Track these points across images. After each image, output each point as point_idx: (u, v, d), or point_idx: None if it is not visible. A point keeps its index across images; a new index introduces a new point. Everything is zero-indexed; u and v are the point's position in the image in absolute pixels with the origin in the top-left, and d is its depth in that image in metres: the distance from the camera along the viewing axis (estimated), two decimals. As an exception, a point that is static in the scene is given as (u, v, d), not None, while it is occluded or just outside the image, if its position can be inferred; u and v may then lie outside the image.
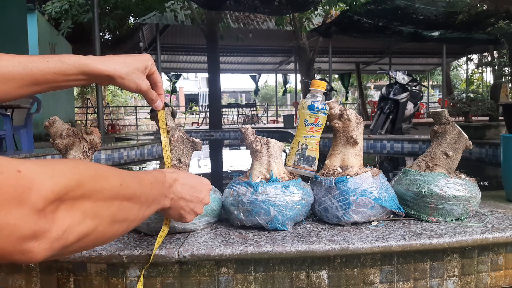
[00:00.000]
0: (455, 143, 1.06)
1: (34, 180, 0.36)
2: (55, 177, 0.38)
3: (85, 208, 0.41)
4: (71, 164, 0.43)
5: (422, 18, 8.10)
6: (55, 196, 0.37)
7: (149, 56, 0.79)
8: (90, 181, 0.43)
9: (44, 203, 0.36)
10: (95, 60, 0.70)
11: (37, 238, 0.36)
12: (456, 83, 24.38)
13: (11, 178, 0.34)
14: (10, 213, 0.33)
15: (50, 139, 0.95)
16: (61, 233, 0.38)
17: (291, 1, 7.08)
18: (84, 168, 0.43)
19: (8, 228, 0.33)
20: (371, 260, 0.88)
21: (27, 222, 0.34)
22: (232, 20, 10.94)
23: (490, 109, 6.39)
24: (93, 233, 0.43)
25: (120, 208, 0.48)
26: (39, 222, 0.36)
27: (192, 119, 16.41)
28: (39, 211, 0.36)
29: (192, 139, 0.96)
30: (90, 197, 0.42)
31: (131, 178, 0.52)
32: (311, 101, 0.97)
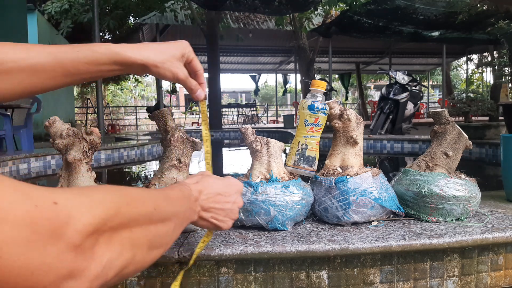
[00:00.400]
0: (455, 143, 1.06)
1: (71, 212, 0.33)
2: (93, 207, 0.35)
3: (122, 238, 0.39)
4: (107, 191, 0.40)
5: (422, 18, 8.11)
6: (93, 229, 0.34)
7: (187, 43, 0.74)
8: (127, 208, 0.40)
9: (81, 238, 0.33)
10: (127, 48, 0.66)
11: (75, 277, 0.33)
12: (456, 83, 24.38)
13: (47, 211, 0.31)
14: (45, 251, 0.30)
15: (50, 139, 0.95)
16: (100, 269, 0.35)
17: (291, 1, 7.09)
18: (120, 195, 0.41)
19: (44, 268, 0.30)
20: (371, 260, 0.88)
21: (64, 260, 0.31)
22: (232, 20, 10.94)
23: (490, 109, 6.39)
24: (131, 263, 0.41)
25: (156, 233, 0.46)
26: (77, 260, 0.32)
27: (192, 119, 16.42)
28: (76, 247, 0.32)
29: (192, 139, 0.96)
30: (127, 225, 0.40)
31: (162, 199, 0.50)
32: (311, 101, 0.97)
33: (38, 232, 0.29)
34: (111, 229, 0.37)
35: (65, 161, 0.94)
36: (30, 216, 0.29)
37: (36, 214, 0.30)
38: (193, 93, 0.78)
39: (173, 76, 0.72)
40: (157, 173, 0.96)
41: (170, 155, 0.95)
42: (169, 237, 0.50)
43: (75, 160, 0.94)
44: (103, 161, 3.80)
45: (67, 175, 0.95)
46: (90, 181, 0.97)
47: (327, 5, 8.80)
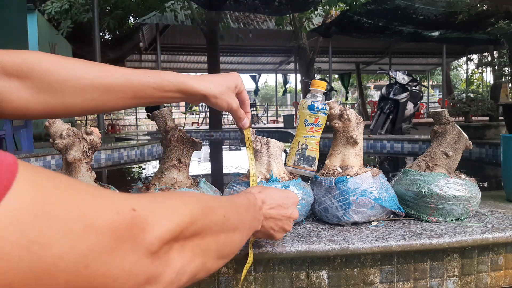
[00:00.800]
0: (455, 143, 1.06)
1: (149, 219, 0.33)
2: (169, 215, 0.36)
3: (194, 245, 0.39)
4: (183, 199, 0.41)
5: (422, 18, 8.11)
6: (170, 237, 0.35)
7: (238, 75, 0.80)
8: (201, 216, 0.40)
9: (158, 245, 0.33)
10: (191, 79, 0.71)
11: (151, 283, 0.33)
12: (456, 83, 24.38)
13: (128, 218, 0.31)
14: (125, 257, 0.30)
15: (50, 139, 0.95)
16: (174, 276, 0.36)
17: (291, 1, 7.09)
18: (195, 202, 0.41)
19: (124, 275, 0.30)
20: (371, 260, 0.88)
21: (142, 266, 0.32)
22: (232, 20, 10.94)
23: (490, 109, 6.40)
24: (200, 271, 0.41)
25: (225, 242, 0.46)
26: (153, 266, 0.33)
27: (192, 119, 16.41)
28: (154, 254, 0.33)
29: (192, 139, 0.96)
30: (200, 233, 0.40)
31: (231, 207, 0.50)
32: (311, 101, 0.97)
33: (119, 239, 0.30)
34: (185, 237, 0.37)
35: (65, 161, 0.94)
36: (113, 224, 0.30)
37: (118, 221, 0.30)
38: (240, 121, 0.83)
39: (228, 106, 0.77)
40: (157, 173, 0.96)
41: (170, 155, 0.95)
42: (236, 246, 0.50)
43: (75, 160, 0.94)
44: (103, 161, 3.80)
45: (67, 175, 0.95)
46: (90, 181, 0.97)
47: (327, 5, 8.80)
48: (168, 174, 0.94)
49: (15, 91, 0.58)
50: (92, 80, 0.62)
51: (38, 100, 0.60)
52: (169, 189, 0.92)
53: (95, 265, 0.28)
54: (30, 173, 0.26)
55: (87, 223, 0.28)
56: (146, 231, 0.32)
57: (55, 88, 0.60)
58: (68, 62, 0.62)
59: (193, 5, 8.91)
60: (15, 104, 0.59)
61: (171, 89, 0.69)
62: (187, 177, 0.97)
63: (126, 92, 0.65)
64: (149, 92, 0.67)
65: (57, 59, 0.61)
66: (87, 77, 0.62)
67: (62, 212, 0.27)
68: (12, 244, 0.24)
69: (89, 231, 0.28)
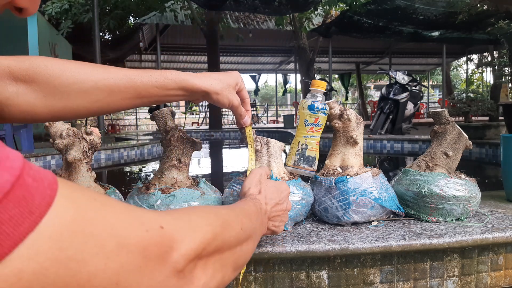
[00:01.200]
0: (455, 143, 1.06)
1: (175, 237, 0.33)
2: (194, 232, 0.36)
3: (215, 261, 0.40)
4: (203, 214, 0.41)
5: (422, 18, 8.10)
6: (195, 254, 0.35)
7: (238, 74, 0.81)
8: (221, 232, 0.41)
9: (185, 263, 0.34)
10: (192, 76, 0.72)
11: None
12: (456, 83, 24.38)
13: (156, 237, 0.31)
14: (154, 276, 0.30)
15: (50, 139, 0.95)
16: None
17: (291, 1, 7.08)
18: (215, 218, 0.42)
19: None
20: (371, 260, 0.88)
21: (169, 284, 0.32)
22: (232, 20, 10.94)
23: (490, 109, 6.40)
24: (220, 284, 0.41)
25: (241, 254, 0.47)
26: (179, 285, 0.33)
27: (192, 119, 16.41)
28: (179, 272, 0.33)
29: (192, 139, 0.96)
30: (220, 249, 0.41)
31: (245, 218, 0.51)
32: (311, 101, 0.97)
33: (148, 258, 0.30)
34: (208, 253, 0.38)
35: (65, 161, 0.94)
36: (143, 242, 0.30)
37: (147, 239, 0.31)
38: (241, 118, 0.84)
39: (229, 103, 0.78)
40: (157, 173, 0.96)
41: (170, 155, 0.95)
42: (249, 255, 0.51)
43: (75, 160, 0.94)
44: (103, 161, 3.80)
45: (67, 175, 0.95)
46: (90, 181, 0.97)
47: (327, 5, 8.79)
48: (168, 174, 0.94)
49: (22, 95, 0.60)
50: (96, 82, 0.64)
51: (44, 103, 0.62)
52: (169, 189, 0.92)
53: (125, 283, 0.28)
54: (69, 190, 0.27)
55: (119, 241, 0.28)
56: (174, 249, 0.33)
57: (61, 91, 0.62)
58: (73, 66, 0.63)
59: (193, 5, 8.90)
60: (22, 108, 0.61)
61: (173, 87, 0.70)
62: (187, 177, 0.97)
63: (129, 92, 0.67)
64: (152, 91, 0.68)
65: (62, 63, 0.63)
66: (92, 80, 0.63)
67: (97, 230, 0.27)
68: (51, 260, 0.24)
69: (121, 249, 0.28)
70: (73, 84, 0.62)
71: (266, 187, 0.71)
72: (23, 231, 0.24)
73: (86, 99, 0.64)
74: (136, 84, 0.67)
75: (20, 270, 0.23)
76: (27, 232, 0.24)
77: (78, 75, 0.63)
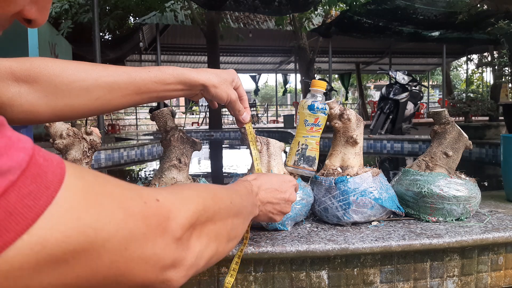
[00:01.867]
0: (455, 143, 1.06)
1: (171, 208, 0.36)
2: (187, 204, 0.39)
3: (209, 231, 0.42)
4: (195, 189, 0.44)
5: (422, 18, 8.10)
6: (189, 223, 0.38)
7: (234, 71, 0.83)
8: (212, 204, 0.44)
9: (181, 231, 0.37)
10: (190, 71, 0.74)
11: (175, 266, 0.37)
12: (456, 83, 24.37)
13: (154, 208, 0.34)
14: (156, 243, 0.34)
15: (50, 139, 0.95)
16: (194, 259, 0.39)
17: (291, 1, 7.08)
18: (205, 191, 0.45)
19: (154, 258, 0.34)
20: (371, 260, 0.88)
21: (169, 251, 0.35)
22: (232, 20, 10.94)
23: (490, 109, 6.40)
24: (215, 255, 0.44)
25: (233, 226, 0.49)
26: (177, 251, 0.36)
27: (192, 119, 16.41)
28: (177, 240, 0.36)
29: (192, 139, 0.96)
30: (212, 219, 0.43)
31: (234, 194, 0.53)
32: (311, 101, 0.97)
33: (149, 226, 0.33)
34: (201, 223, 0.41)
35: (65, 161, 0.94)
36: (144, 212, 0.33)
37: (147, 210, 0.34)
38: (239, 115, 0.85)
39: (227, 97, 0.79)
40: (157, 173, 0.96)
41: (170, 155, 0.95)
42: (241, 230, 0.53)
43: (75, 160, 0.94)
44: (103, 161, 3.80)
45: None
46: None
47: (327, 5, 8.79)
48: (168, 174, 0.94)
49: (25, 95, 0.61)
50: (96, 79, 0.65)
51: (46, 103, 0.63)
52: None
53: (133, 248, 0.31)
54: (75, 169, 0.30)
55: (125, 211, 0.32)
56: (170, 219, 0.36)
57: (62, 90, 0.63)
58: (73, 65, 0.65)
59: (193, 5, 8.90)
60: (25, 108, 0.62)
61: (172, 81, 0.71)
62: (187, 177, 0.97)
63: (129, 88, 0.68)
64: (151, 87, 0.69)
65: (62, 63, 0.64)
66: (92, 77, 0.65)
67: (106, 201, 0.31)
68: (71, 228, 0.27)
69: (128, 218, 0.31)
70: (73, 82, 0.64)
71: (265, 175, 0.73)
72: (42, 204, 0.26)
73: (87, 97, 0.65)
74: (135, 80, 0.68)
75: (44, 239, 0.26)
76: (46, 205, 0.26)
77: (78, 73, 0.64)
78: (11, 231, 0.24)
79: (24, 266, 0.25)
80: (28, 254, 0.25)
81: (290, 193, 0.73)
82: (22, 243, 0.25)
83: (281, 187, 0.72)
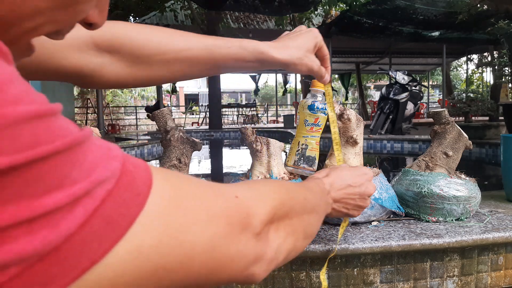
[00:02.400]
0: (455, 143, 1.06)
1: (250, 204, 0.37)
2: (264, 200, 0.39)
3: (285, 226, 0.43)
4: (269, 184, 0.45)
5: (422, 18, 8.10)
6: (268, 219, 0.39)
7: (317, 31, 0.77)
8: (287, 199, 0.44)
9: (261, 227, 0.37)
10: (271, 48, 0.71)
11: (258, 261, 0.37)
12: (456, 83, 24.37)
13: (234, 205, 0.35)
14: (238, 240, 0.34)
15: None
16: (274, 253, 0.40)
17: (291, 1, 7.08)
18: (280, 187, 0.45)
19: (238, 255, 0.34)
20: (371, 260, 0.88)
21: (251, 247, 0.36)
22: (232, 20, 10.94)
23: (490, 109, 6.40)
24: (293, 249, 0.45)
25: (308, 222, 0.49)
26: (258, 246, 0.37)
27: (192, 119, 16.41)
28: (257, 235, 0.37)
29: (192, 139, 0.96)
30: (288, 215, 0.43)
31: (308, 191, 0.53)
32: (311, 101, 0.97)
33: (232, 224, 0.34)
34: (278, 218, 0.41)
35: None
36: (226, 211, 0.34)
37: (228, 208, 0.34)
38: (321, 78, 0.81)
39: (308, 70, 0.75)
40: (157, 173, 0.96)
41: (170, 155, 0.95)
42: (315, 227, 0.53)
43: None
44: (103, 161, 3.79)
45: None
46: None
47: (327, 5, 8.79)
48: (168, 174, 0.94)
49: (107, 65, 0.63)
50: (177, 53, 0.66)
51: (128, 72, 0.65)
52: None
53: (219, 247, 0.32)
54: (160, 172, 0.31)
55: (208, 211, 0.32)
56: (250, 215, 0.36)
57: (144, 61, 0.64)
58: (155, 36, 0.65)
59: (193, 5, 8.91)
60: (107, 77, 0.63)
61: (251, 59, 0.70)
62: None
63: (208, 63, 0.68)
64: (229, 63, 0.70)
65: (145, 33, 0.64)
66: (173, 50, 0.65)
67: (190, 204, 0.31)
68: (162, 234, 0.28)
69: (211, 219, 0.32)
70: (155, 55, 0.64)
71: (337, 170, 0.70)
72: (135, 210, 0.27)
73: (167, 69, 0.66)
74: (215, 57, 0.68)
75: (139, 245, 0.27)
76: (138, 212, 0.27)
77: (160, 46, 0.65)
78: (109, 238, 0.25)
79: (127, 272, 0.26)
80: (128, 261, 0.26)
81: (365, 186, 0.71)
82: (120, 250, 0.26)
83: (355, 182, 0.69)
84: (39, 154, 0.22)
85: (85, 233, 0.24)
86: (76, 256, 0.24)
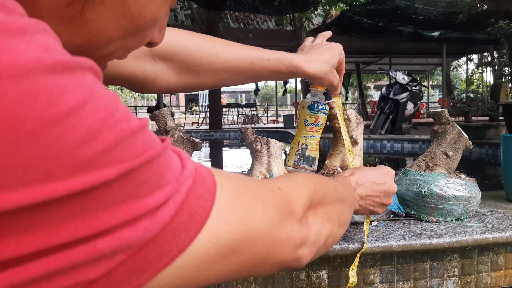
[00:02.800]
0: (455, 143, 1.06)
1: (290, 193, 0.41)
2: (302, 188, 0.43)
3: (321, 213, 0.46)
4: (303, 175, 0.48)
5: (422, 18, 8.10)
6: (306, 205, 0.42)
7: (341, 48, 0.83)
8: (320, 188, 0.47)
9: (302, 212, 0.41)
10: (303, 62, 0.76)
11: (303, 244, 0.41)
12: (456, 83, 24.36)
13: (279, 195, 0.39)
14: (287, 225, 0.38)
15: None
16: (315, 237, 0.43)
17: (291, 1, 7.08)
18: (313, 177, 0.49)
19: (288, 239, 0.38)
20: (371, 260, 0.88)
21: (296, 231, 0.39)
22: (232, 20, 10.94)
23: (490, 109, 6.40)
24: (331, 235, 0.48)
25: (340, 211, 0.52)
26: (302, 230, 0.40)
27: (192, 119, 16.41)
28: (300, 220, 0.40)
29: (192, 139, 0.96)
30: (322, 202, 0.47)
31: (337, 183, 0.56)
32: (311, 101, 0.97)
33: (280, 212, 0.38)
34: (314, 205, 0.45)
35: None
36: (274, 200, 0.38)
37: (276, 197, 0.38)
38: (334, 90, 0.87)
39: (329, 84, 0.82)
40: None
41: (170, 155, 0.95)
42: (347, 217, 0.56)
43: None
44: (103, 161, 3.79)
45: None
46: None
47: (327, 5, 8.79)
48: (168, 174, 0.94)
49: (159, 72, 0.68)
50: (223, 64, 0.71)
51: (177, 79, 0.70)
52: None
53: (274, 232, 0.36)
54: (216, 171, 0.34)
55: (263, 201, 0.36)
56: (292, 202, 0.40)
57: (193, 69, 0.70)
58: (205, 45, 0.70)
59: (193, 5, 8.91)
60: (158, 84, 0.68)
61: (285, 72, 0.75)
62: None
63: (248, 73, 0.74)
64: (266, 74, 0.75)
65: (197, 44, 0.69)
66: (220, 61, 0.71)
67: (248, 195, 0.35)
68: (234, 222, 0.32)
69: (266, 206, 0.36)
70: (204, 64, 0.70)
71: (360, 169, 0.73)
72: (209, 203, 0.30)
73: (213, 77, 0.72)
74: (255, 68, 0.73)
75: (218, 232, 0.31)
76: (212, 204, 0.31)
77: (210, 56, 0.70)
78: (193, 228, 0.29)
79: (208, 258, 0.30)
80: (209, 247, 0.30)
81: (389, 184, 0.73)
82: (203, 238, 0.29)
83: (379, 179, 0.71)
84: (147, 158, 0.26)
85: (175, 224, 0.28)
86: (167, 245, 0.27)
